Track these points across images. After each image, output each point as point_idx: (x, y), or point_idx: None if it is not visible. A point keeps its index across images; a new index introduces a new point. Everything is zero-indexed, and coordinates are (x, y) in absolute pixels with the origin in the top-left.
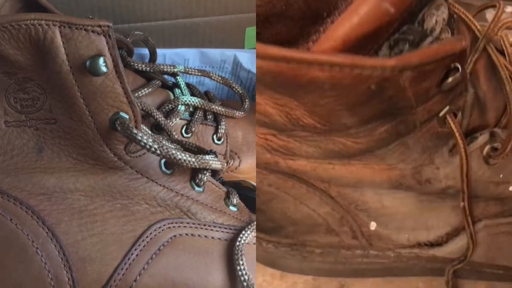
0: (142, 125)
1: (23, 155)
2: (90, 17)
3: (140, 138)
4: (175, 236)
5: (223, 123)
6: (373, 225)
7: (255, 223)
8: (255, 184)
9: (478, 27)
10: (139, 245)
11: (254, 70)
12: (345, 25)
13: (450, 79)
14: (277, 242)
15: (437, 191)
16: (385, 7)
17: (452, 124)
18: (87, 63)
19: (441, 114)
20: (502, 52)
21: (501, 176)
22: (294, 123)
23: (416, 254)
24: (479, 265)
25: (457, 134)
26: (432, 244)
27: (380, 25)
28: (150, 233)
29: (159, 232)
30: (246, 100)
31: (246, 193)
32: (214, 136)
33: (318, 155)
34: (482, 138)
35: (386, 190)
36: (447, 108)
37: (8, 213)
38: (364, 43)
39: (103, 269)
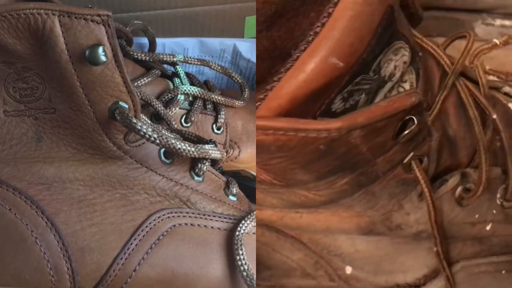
0: (141, 115)
1: (22, 145)
2: (90, 6)
3: (139, 127)
4: (174, 226)
5: (223, 112)
6: (348, 269)
7: (255, 212)
8: (254, 173)
9: (448, 62)
10: (138, 235)
11: (253, 59)
12: (291, 83)
13: (406, 131)
14: (257, 284)
15: (409, 235)
16: (333, 62)
17: (417, 171)
18: (87, 52)
19: (405, 161)
20: (477, 83)
21: (476, 216)
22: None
23: None
24: None
25: (422, 181)
26: (410, 286)
27: (329, 80)
28: (150, 223)
29: (158, 222)
30: (246, 90)
31: (245, 182)
32: (214, 126)
33: (283, 206)
34: (453, 180)
35: (358, 236)
36: (411, 155)
37: (7, 203)
38: (314, 98)
39: (102, 259)
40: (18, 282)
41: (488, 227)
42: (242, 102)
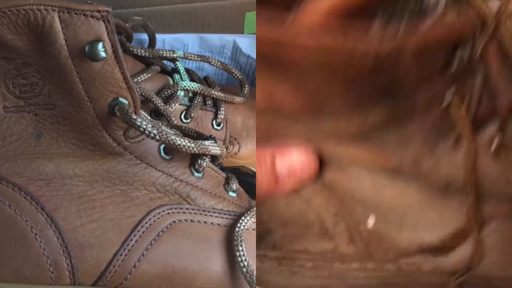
0: (141, 111)
1: (22, 141)
2: (89, 2)
3: (139, 123)
4: (174, 222)
5: (223, 108)
6: (371, 220)
7: (255, 208)
8: (254, 169)
9: (486, 9)
10: (138, 231)
11: (253, 55)
12: None
13: (455, 62)
14: (263, 256)
15: (439, 186)
16: None
17: (458, 110)
18: (86, 48)
19: (446, 98)
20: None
21: None
22: (276, 108)
23: (418, 266)
24: (490, 277)
25: (462, 122)
26: (436, 250)
27: None
28: (149, 219)
29: (158, 218)
30: (246, 86)
31: (245, 178)
32: (214, 122)
33: (309, 135)
34: (491, 129)
35: (384, 179)
36: (453, 89)
37: (7, 199)
38: (353, 16)
39: (102, 255)
40: (18, 278)
41: None
42: (242, 98)
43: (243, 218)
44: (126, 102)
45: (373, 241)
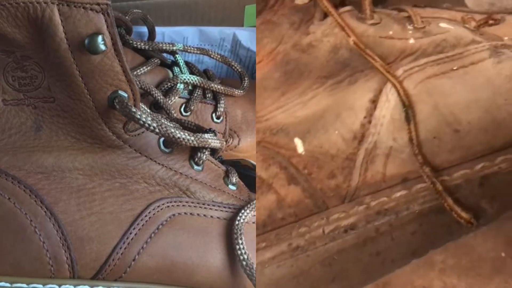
0: (141, 104)
1: (21, 134)
2: None
3: (139, 116)
4: (174, 215)
5: (222, 101)
6: (298, 144)
7: (254, 202)
8: (254, 162)
9: None
10: (137, 224)
11: (253, 48)
12: None
13: None
14: None
15: (333, 65)
16: None
17: None
18: (86, 41)
19: None
20: None
21: (390, 32)
22: None
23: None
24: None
25: None
26: (364, 124)
27: None
28: (149, 212)
29: (158, 211)
30: (245, 79)
31: (245, 171)
32: (213, 115)
33: None
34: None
35: (291, 103)
36: None
37: (6, 192)
38: None
39: (102, 248)
40: (17, 271)
41: (411, 41)
42: (241, 91)
43: (243, 211)
44: (126, 95)
45: (312, 168)
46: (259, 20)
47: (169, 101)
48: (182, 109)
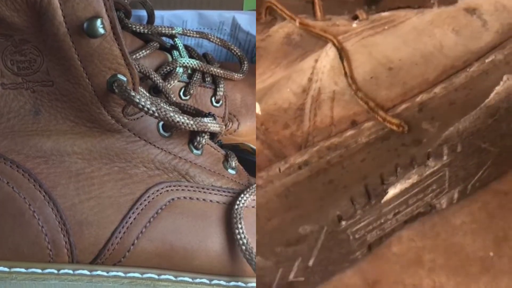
0: (140, 87)
1: (19, 118)
2: None
3: (138, 100)
4: (173, 199)
5: (222, 85)
6: (256, 107)
7: (254, 186)
8: (254, 146)
9: None
10: (136, 208)
11: (253, 32)
12: None
13: None
14: None
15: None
16: None
17: None
18: (85, 25)
19: None
20: None
21: None
22: None
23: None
24: None
25: None
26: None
27: None
28: (148, 196)
29: (157, 195)
30: (245, 62)
31: (244, 156)
32: (213, 99)
33: None
34: None
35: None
36: None
37: (5, 176)
38: None
39: (101, 233)
40: (16, 256)
41: (353, 25)
42: (241, 75)
43: (242, 195)
44: (125, 79)
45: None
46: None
47: (168, 85)
48: (181, 93)
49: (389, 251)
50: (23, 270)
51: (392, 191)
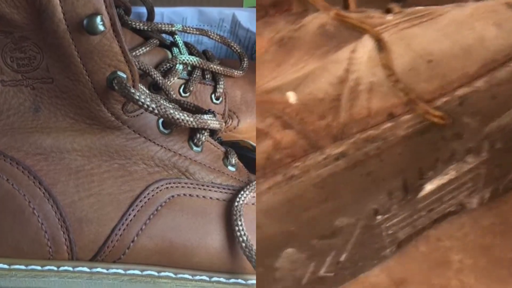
0: (139, 84)
1: (19, 115)
2: None
3: (137, 97)
4: (173, 196)
5: (222, 82)
6: (291, 96)
7: (254, 183)
8: (254, 144)
9: None
10: (136, 205)
11: (253, 29)
12: None
13: None
14: None
15: (313, 29)
16: None
17: None
18: (84, 22)
19: None
20: None
21: None
22: None
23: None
24: None
25: None
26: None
27: None
28: (148, 193)
29: (157, 193)
30: (245, 59)
31: (244, 153)
32: (213, 96)
33: None
34: None
35: (286, 72)
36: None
37: (5, 173)
38: None
39: (100, 230)
40: (16, 253)
41: (388, 17)
42: (241, 72)
43: (242, 192)
44: (125, 76)
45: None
46: (260, 22)
47: (168, 82)
48: (181, 90)
49: (416, 250)
50: (22, 267)
51: (429, 187)
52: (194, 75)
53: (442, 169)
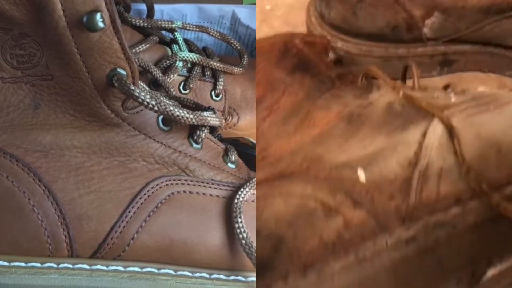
0: (139, 81)
1: (19, 112)
2: None
3: (137, 94)
4: (173, 193)
5: (222, 79)
6: (361, 174)
7: (254, 180)
8: (253, 140)
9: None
10: (136, 202)
11: (252, 26)
12: None
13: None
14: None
15: (382, 108)
16: None
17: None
18: (84, 18)
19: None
20: None
21: None
22: None
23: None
24: None
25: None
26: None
27: None
28: (148, 190)
29: (156, 190)
30: (245, 56)
31: (244, 150)
32: (212, 93)
33: None
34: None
35: (353, 147)
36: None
37: (4, 170)
38: None
39: (100, 227)
40: (15, 250)
41: (453, 99)
42: (240, 69)
43: (242, 189)
44: (125, 72)
45: (374, 191)
46: (328, 94)
47: (168, 79)
48: (181, 87)
49: None
50: (22, 264)
51: (491, 272)
52: (194, 72)
53: (509, 259)
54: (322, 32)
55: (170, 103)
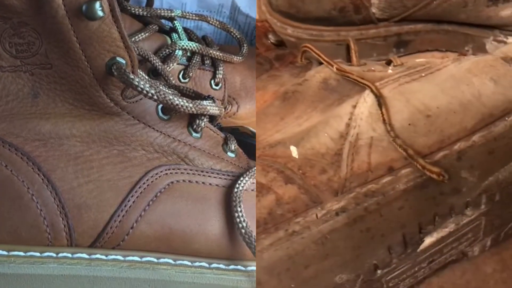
0: (139, 70)
1: (18, 101)
2: None
3: (136, 83)
4: (172, 182)
5: (221, 68)
6: (293, 150)
7: (253, 169)
8: (253, 130)
9: None
10: (136, 191)
11: (252, 14)
12: None
13: None
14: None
15: (317, 84)
16: None
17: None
18: (83, 7)
19: None
20: None
21: None
22: None
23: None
24: None
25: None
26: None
27: None
28: (147, 180)
29: (156, 179)
30: (244, 45)
31: (244, 139)
32: (212, 81)
33: None
34: None
35: (289, 125)
36: None
37: (3, 159)
38: None
39: (100, 216)
40: (14, 239)
41: (389, 71)
42: (240, 58)
43: (241, 178)
44: (124, 61)
45: (307, 168)
46: (265, 75)
47: (167, 67)
48: (180, 76)
49: None
50: (21, 253)
51: (428, 240)
52: (194, 61)
53: (441, 223)
54: (272, 19)
55: (170, 92)
